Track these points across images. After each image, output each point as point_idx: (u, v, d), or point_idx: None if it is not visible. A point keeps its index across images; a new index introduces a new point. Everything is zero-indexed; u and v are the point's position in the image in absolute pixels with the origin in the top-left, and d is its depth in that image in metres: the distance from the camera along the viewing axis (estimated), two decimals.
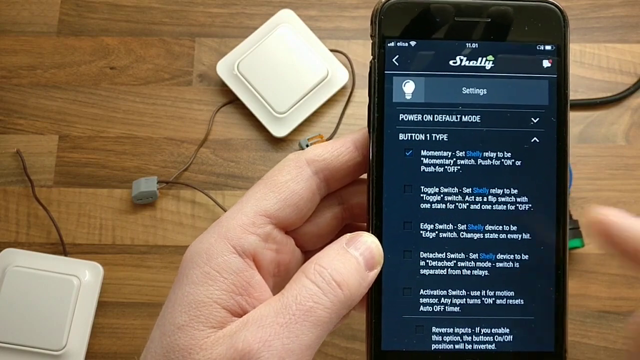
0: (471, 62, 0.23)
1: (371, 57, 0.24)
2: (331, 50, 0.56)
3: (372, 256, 0.23)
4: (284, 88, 0.54)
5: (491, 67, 0.23)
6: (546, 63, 0.23)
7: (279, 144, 0.56)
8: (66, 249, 0.54)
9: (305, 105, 0.55)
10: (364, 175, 0.25)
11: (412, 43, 0.24)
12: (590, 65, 0.58)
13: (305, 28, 0.57)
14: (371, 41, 0.24)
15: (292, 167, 0.25)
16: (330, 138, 0.56)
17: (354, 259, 0.23)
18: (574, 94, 0.57)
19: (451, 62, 0.24)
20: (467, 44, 0.23)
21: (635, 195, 0.55)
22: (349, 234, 0.24)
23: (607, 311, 0.52)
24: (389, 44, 0.24)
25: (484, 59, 0.23)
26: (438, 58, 0.24)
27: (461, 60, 0.24)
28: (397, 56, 0.24)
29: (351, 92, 0.57)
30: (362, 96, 0.57)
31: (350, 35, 0.58)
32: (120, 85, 0.57)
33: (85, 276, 0.52)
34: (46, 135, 0.56)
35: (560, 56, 0.23)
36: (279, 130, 0.55)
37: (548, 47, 0.23)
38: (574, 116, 0.56)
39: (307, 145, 0.54)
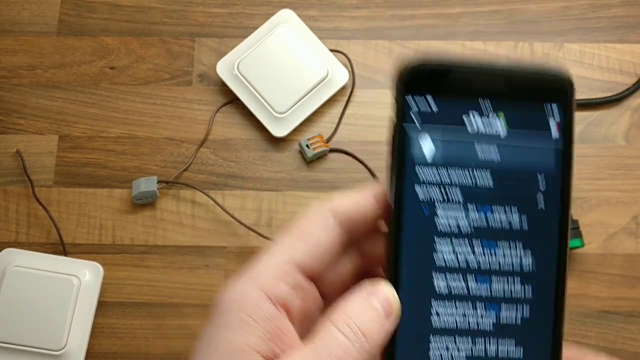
0: (485, 125, 0.25)
1: (393, 117, 0.25)
2: (331, 50, 0.56)
3: (390, 307, 0.25)
4: (284, 88, 0.54)
5: (503, 131, 0.25)
6: (554, 130, 0.25)
7: (279, 144, 0.56)
8: (66, 249, 0.54)
9: (305, 105, 0.55)
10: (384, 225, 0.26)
11: (432, 105, 0.25)
12: (590, 65, 0.58)
13: (305, 28, 0.57)
14: (393, 102, 0.25)
15: (318, 218, 0.27)
16: (330, 138, 0.56)
17: (375, 310, 0.25)
18: None
19: (467, 125, 0.25)
20: (481, 107, 0.25)
21: (635, 195, 0.55)
22: (369, 282, 0.25)
23: (607, 311, 0.52)
24: (410, 106, 0.25)
25: (497, 122, 0.25)
26: (455, 120, 0.25)
27: (476, 123, 0.25)
28: (417, 117, 0.25)
29: (351, 92, 0.57)
30: (362, 96, 0.57)
31: (350, 35, 0.58)
32: (120, 85, 0.57)
33: (85, 276, 0.52)
34: (46, 135, 0.56)
35: (566, 125, 0.25)
36: (279, 130, 0.55)
37: (555, 113, 0.25)
38: None
39: (307, 146, 0.54)
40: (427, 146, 0.25)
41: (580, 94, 0.57)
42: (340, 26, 0.59)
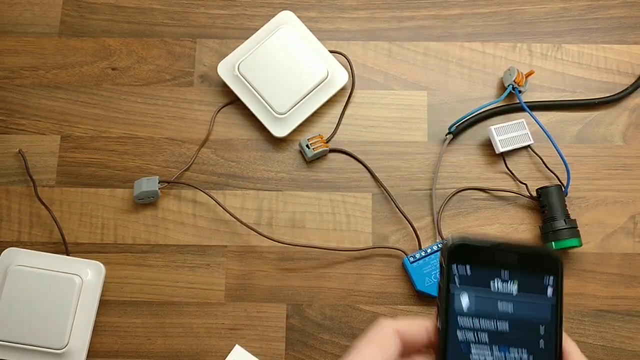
0: (504, 288, 0.35)
1: (441, 278, 0.35)
2: (331, 52, 0.57)
3: None
4: (284, 89, 0.55)
5: (516, 291, 0.35)
6: (550, 292, 0.35)
7: (279, 144, 0.57)
8: (68, 248, 0.54)
9: (305, 106, 0.56)
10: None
11: (468, 271, 0.36)
12: (589, 65, 0.58)
13: (305, 29, 0.57)
14: (441, 269, 0.35)
15: (388, 333, 0.34)
16: (330, 138, 0.56)
17: None
18: (572, 94, 0.57)
19: (491, 285, 0.36)
20: (502, 275, 0.36)
21: (633, 195, 0.55)
22: None
23: (604, 310, 0.52)
24: (453, 270, 0.35)
25: (512, 286, 0.35)
26: (484, 282, 0.36)
27: (498, 286, 0.36)
28: (458, 279, 0.35)
29: (351, 93, 0.57)
30: (361, 97, 0.58)
31: (349, 37, 0.59)
32: (121, 85, 0.58)
33: (87, 275, 0.52)
34: (48, 135, 0.57)
35: (558, 289, 0.35)
36: (279, 131, 0.55)
37: (551, 282, 0.35)
38: (571, 116, 0.57)
39: (307, 146, 0.55)
40: (464, 301, 0.35)
41: (578, 95, 0.57)
42: (340, 27, 0.59)
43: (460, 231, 0.48)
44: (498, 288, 0.36)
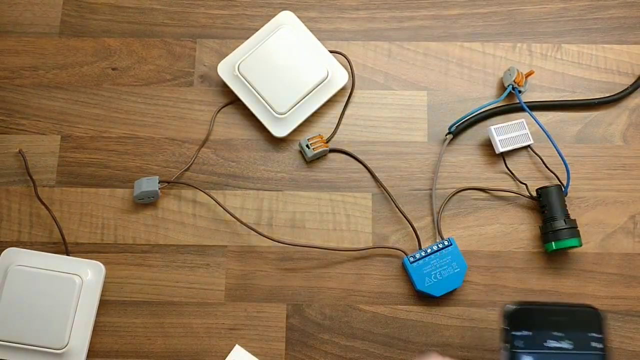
0: (559, 344, 0.43)
1: (503, 342, 0.43)
2: (331, 52, 0.57)
3: None
4: (284, 89, 0.55)
5: (568, 347, 0.42)
6: (597, 343, 0.42)
7: (279, 144, 0.57)
8: (68, 248, 0.54)
9: (305, 106, 0.56)
10: None
11: (527, 334, 0.43)
12: (588, 66, 0.58)
13: (305, 30, 0.57)
14: (503, 332, 0.43)
15: None
16: (330, 138, 0.56)
17: None
18: (571, 95, 0.57)
19: (547, 344, 0.43)
20: (555, 336, 0.43)
21: (633, 195, 0.55)
22: None
23: (604, 310, 0.52)
24: (514, 336, 0.43)
25: (565, 344, 0.42)
26: (541, 341, 0.43)
27: (552, 343, 0.43)
28: (518, 342, 0.43)
29: (350, 93, 0.57)
30: (361, 97, 0.58)
31: (349, 37, 0.59)
32: (122, 86, 0.58)
33: (87, 275, 0.52)
34: (48, 135, 0.57)
35: (604, 341, 0.42)
36: (279, 131, 0.55)
37: (598, 336, 0.42)
38: (571, 116, 0.57)
39: (307, 146, 0.55)
40: (525, 358, 0.42)
41: (578, 95, 0.57)
42: (340, 27, 0.59)
43: (518, 299, 0.50)
44: (552, 346, 0.43)
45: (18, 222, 0.55)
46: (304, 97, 0.55)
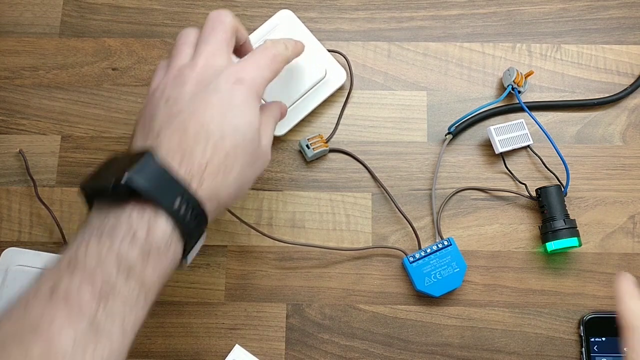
0: None
1: (581, 348, 0.51)
2: (329, 51, 0.57)
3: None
4: (283, 87, 0.55)
5: None
6: None
7: (278, 143, 0.57)
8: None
9: (303, 105, 0.56)
10: None
11: (603, 340, 0.50)
12: (588, 66, 0.58)
13: (304, 28, 0.57)
14: (581, 340, 0.51)
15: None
16: (329, 138, 0.56)
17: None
18: (571, 95, 0.57)
19: (624, 349, 0.43)
20: None
21: (632, 195, 0.55)
22: None
23: (604, 310, 0.53)
24: (591, 339, 0.51)
25: None
26: (617, 347, 0.49)
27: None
28: (595, 345, 0.50)
29: (349, 93, 0.57)
30: (360, 97, 0.58)
31: (349, 37, 0.59)
32: (122, 86, 0.58)
33: None
34: (49, 135, 0.57)
35: None
36: (277, 129, 0.55)
37: None
38: (571, 116, 0.57)
39: (307, 146, 0.55)
40: None
41: (577, 95, 0.57)
42: (339, 28, 0.59)
43: (595, 308, 0.53)
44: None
45: (18, 222, 0.55)
46: (302, 96, 0.55)
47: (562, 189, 0.54)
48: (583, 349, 0.51)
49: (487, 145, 0.56)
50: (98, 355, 0.32)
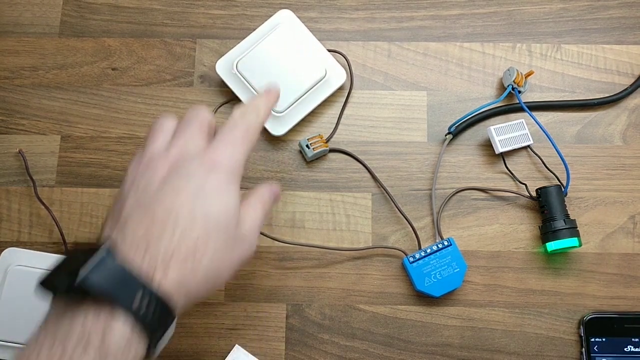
0: (635, 349, 0.50)
1: (582, 348, 0.51)
2: (329, 51, 0.57)
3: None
4: (282, 87, 0.55)
5: None
6: None
7: (278, 143, 0.57)
8: (68, 248, 0.54)
9: (303, 105, 0.56)
10: None
11: (604, 340, 0.50)
12: (588, 66, 0.58)
13: (304, 28, 0.57)
14: (581, 339, 0.51)
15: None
16: (329, 138, 0.56)
17: None
18: (571, 95, 0.57)
19: (625, 349, 0.50)
20: (632, 339, 0.50)
21: (633, 195, 0.55)
22: None
23: (604, 310, 0.52)
24: (591, 339, 0.51)
25: None
26: (618, 347, 0.50)
27: (630, 349, 0.50)
28: (595, 345, 0.50)
29: (349, 93, 0.57)
30: (360, 97, 0.58)
31: (349, 37, 0.59)
32: (122, 86, 0.58)
33: None
34: (48, 135, 0.57)
35: None
36: (277, 129, 0.55)
37: None
38: (571, 117, 0.57)
39: (307, 146, 0.55)
40: None
41: (577, 95, 0.57)
42: (339, 28, 0.59)
43: (595, 308, 0.53)
44: (630, 350, 0.49)
45: (18, 222, 0.55)
46: (302, 96, 0.55)
47: (562, 189, 0.54)
48: (583, 349, 0.51)
49: (487, 145, 0.56)
50: None
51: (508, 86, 0.56)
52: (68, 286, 0.33)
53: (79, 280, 0.32)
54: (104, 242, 0.35)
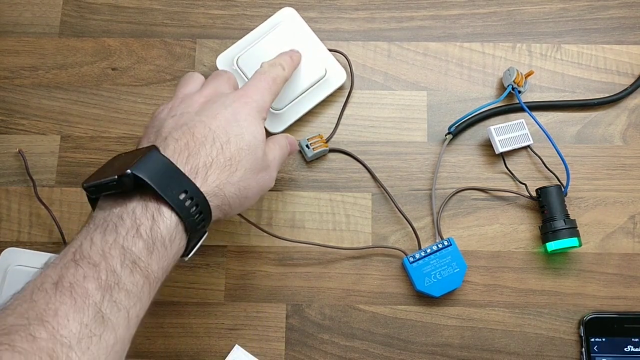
0: (635, 349, 0.50)
1: (582, 348, 0.51)
2: (330, 50, 0.57)
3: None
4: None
5: None
6: None
7: None
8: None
9: (302, 103, 0.56)
10: None
11: (604, 340, 0.50)
12: (588, 66, 0.58)
13: (306, 27, 0.57)
14: (581, 340, 0.51)
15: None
16: (329, 138, 0.56)
17: None
18: (571, 95, 0.57)
19: (624, 349, 0.50)
20: (632, 340, 0.50)
21: (633, 195, 0.55)
22: None
23: (604, 310, 0.52)
24: (591, 339, 0.51)
25: None
26: (618, 347, 0.50)
27: (629, 349, 0.50)
28: (595, 345, 0.50)
29: (349, 93, 0.57)
30: (360, 97, 0.58)
31: (349, 37, 0.59)
32: (121, 86, 0.58)
33: None
34: (48, 135, 0.57)
35: None
36: (275, 127, 0.55)
37: None
38: (571, 117, 0.57)
39: (307, 146, 0.55)
40: None
41: (577, 95, 0.57)
42: (339, 28, 0.59)
43: (595, 308, 0.53)
44: (629, 350, 0.50)
45: (18, 222, 0.55)
46: (301, 94, 0.55)
47: (562, 189, 0.54)
48: (583, 349, 0.51)
49: (487, 145, 0.56)
50: (103, 345, 0.33)
51: (508, 86, 0.56)
52: (118, 178, 0.36)
53: (131, 170, 0.35)
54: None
